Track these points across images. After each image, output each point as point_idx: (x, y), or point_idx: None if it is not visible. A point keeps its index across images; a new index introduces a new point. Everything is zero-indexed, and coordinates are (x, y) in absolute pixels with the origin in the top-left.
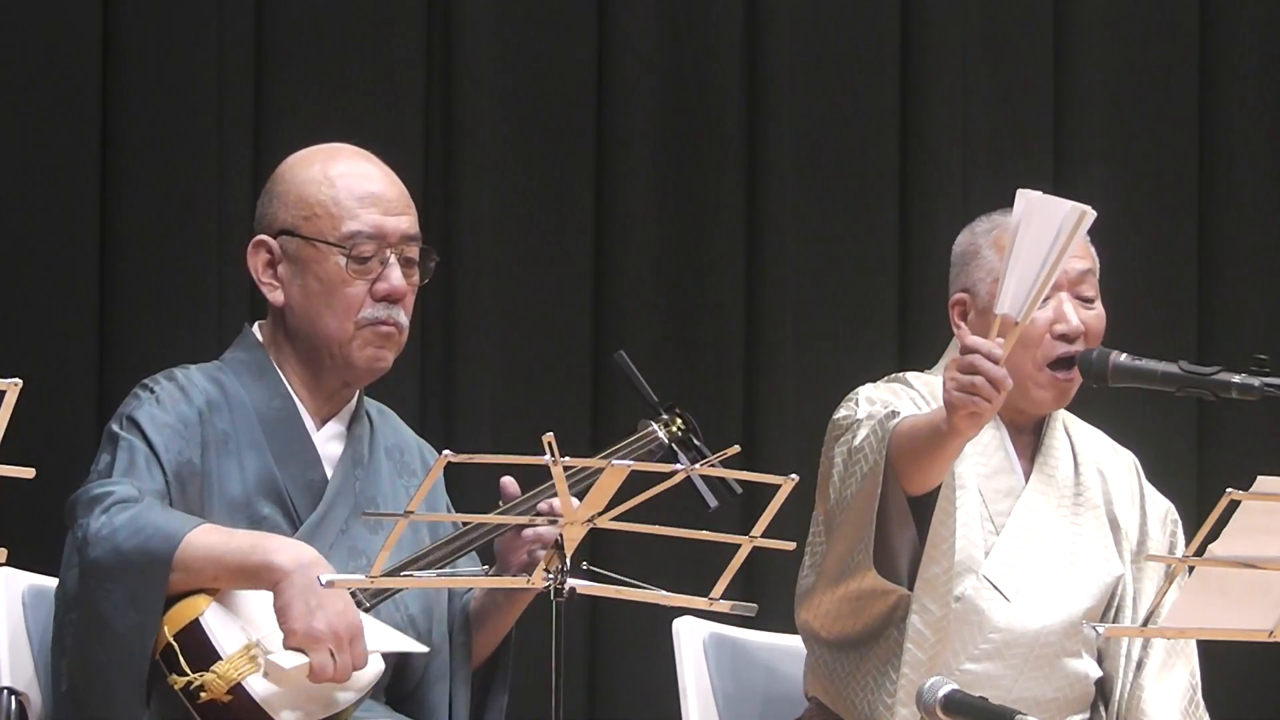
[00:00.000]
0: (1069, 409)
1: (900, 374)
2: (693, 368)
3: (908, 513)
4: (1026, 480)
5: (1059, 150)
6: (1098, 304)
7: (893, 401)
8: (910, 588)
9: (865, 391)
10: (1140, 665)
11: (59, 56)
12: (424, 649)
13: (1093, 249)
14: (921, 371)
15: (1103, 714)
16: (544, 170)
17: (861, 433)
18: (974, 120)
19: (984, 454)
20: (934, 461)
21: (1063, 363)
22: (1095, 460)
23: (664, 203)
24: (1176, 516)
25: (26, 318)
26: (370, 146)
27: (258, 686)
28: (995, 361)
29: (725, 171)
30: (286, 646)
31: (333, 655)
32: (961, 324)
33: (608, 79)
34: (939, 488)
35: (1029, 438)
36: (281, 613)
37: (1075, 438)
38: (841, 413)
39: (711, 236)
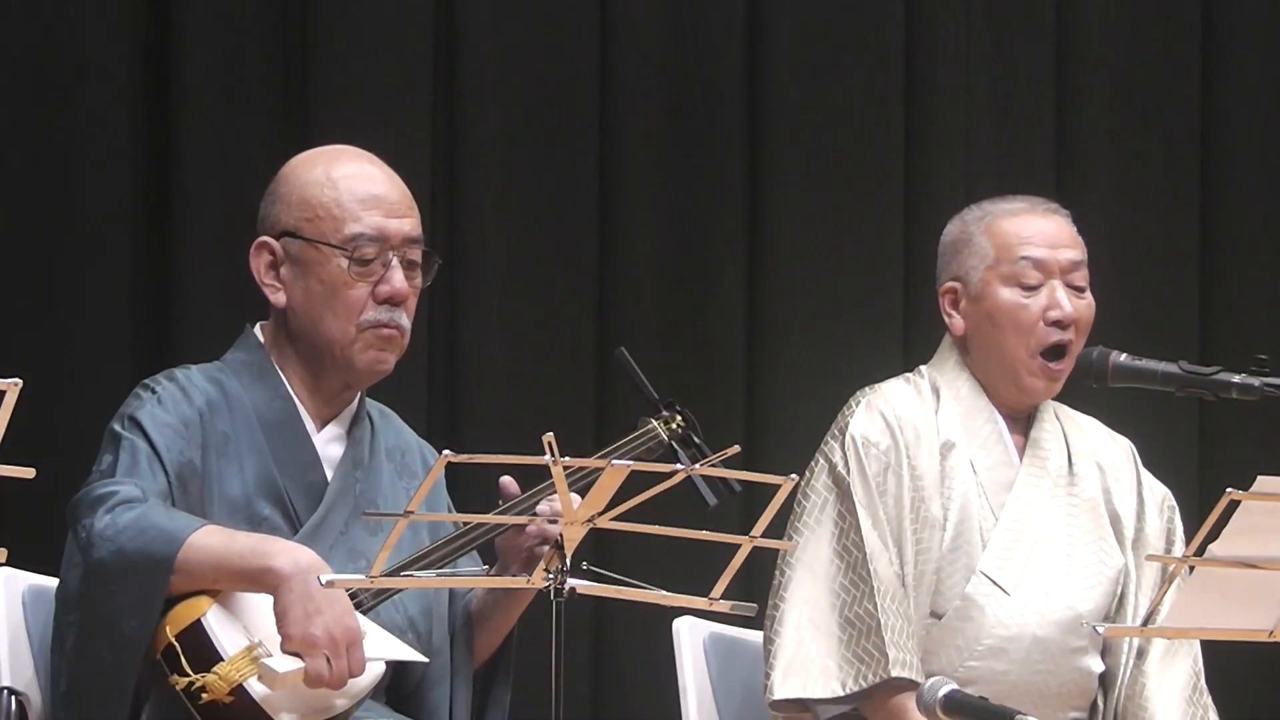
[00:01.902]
0: (1063, 400)
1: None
2: (694, 367)
3: None
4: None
5: (1060, 149)
6: (1088, 294)
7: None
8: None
9: (858, 427)
10: (1142, 654)
11: (60, 57)
12: (423, 659)
13: (1080, 239)
14: (923, 366)
15: (1100, 704)
16: (547, 170)
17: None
18: (976, 120)
19: (984, 446)
20: None
21: (1054, 351)
22: (1091, 452)
23: (668, 203)
24: (1174, 502)
25: (26, 318)
26: (373, 148)
27: (259, 688)
28: None
29: (728, 171)
30: (284, 651)
31: (329, 661)
32: (953, 312)
33: (611, 79)
34: None
35: (1023, 427)
36: (279, 618)
37: (1068, 429)
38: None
39: (715, 236)
